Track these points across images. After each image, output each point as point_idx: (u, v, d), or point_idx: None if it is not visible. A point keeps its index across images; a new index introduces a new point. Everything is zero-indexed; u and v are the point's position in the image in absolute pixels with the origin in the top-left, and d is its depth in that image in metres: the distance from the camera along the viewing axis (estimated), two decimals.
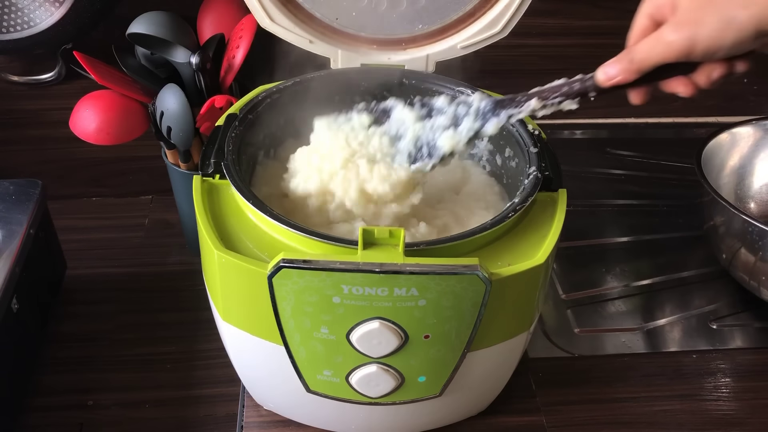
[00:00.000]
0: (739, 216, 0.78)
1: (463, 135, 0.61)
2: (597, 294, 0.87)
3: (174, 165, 0.81)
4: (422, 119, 0.63)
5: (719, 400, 0.74)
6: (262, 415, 0.71)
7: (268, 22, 0.72)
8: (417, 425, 0.68)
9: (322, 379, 0.59)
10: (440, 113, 0.63)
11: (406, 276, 0.52)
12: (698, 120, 1.10)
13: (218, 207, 0.59)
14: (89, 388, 0.74)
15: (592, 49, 0.98)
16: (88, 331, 0.80)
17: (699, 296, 0.88)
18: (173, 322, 0.81)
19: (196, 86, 0.76)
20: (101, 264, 0.88)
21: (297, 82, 0.71)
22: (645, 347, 0.81)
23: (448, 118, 0.62)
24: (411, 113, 0.64)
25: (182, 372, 0.76)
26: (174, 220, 0.95)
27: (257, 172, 0.70)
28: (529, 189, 0.60)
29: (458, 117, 0.62)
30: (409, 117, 0.63)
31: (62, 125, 0.80)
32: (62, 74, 0.89)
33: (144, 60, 0.78)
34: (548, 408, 0.72)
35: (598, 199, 1.01)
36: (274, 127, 0.71)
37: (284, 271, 0.52)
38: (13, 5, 0.76)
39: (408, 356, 0.57)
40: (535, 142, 0.64)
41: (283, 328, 0.56)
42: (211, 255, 0.56)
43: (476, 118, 0.60)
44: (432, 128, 0.62)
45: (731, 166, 0.92)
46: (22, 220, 0.73)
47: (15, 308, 0.70)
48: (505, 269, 0.54)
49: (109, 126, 0.76)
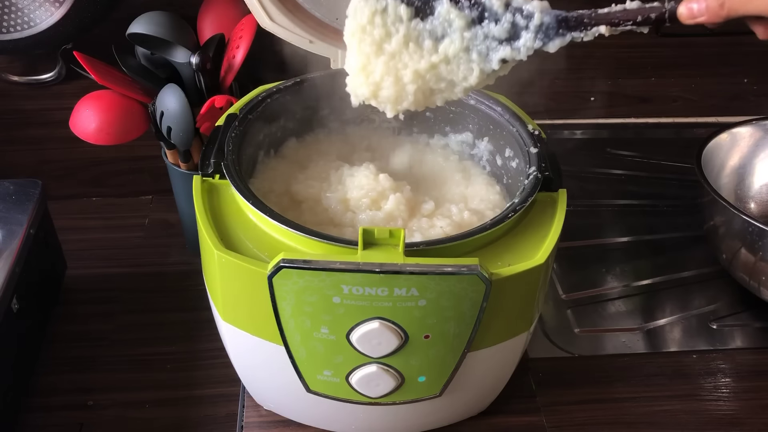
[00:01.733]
0: (739, 216, 0.78)
1: (522, 53, 0.55)
2: (597, 294, 0.87)
3: (174, 165, 0.81)
4: (472, 25, 0.56)
5: (719, 400, 0.74)
6: (262, 415, 0.71)
7: (268, 22, 0.72)
8: (417, 425, 0.68)
9: (322, 379, 0.59)
10: (494, 19, 0.55)
11: (406, 276, 0.52)
12: (698, 120, 1.10)
13: (218, 207, 0.59)
14: (89, 388, 0.74)
15: None
16: (88, 331, 0.80)
17: (699, 296, 0.88)
18: (173, 322, 0.81)
19: (196, 86, 0.77)
20: (101, 264, 0.88)
21: (297, 82, 0.71)
22: (645, 347, 0.81)
23: (503, 30, 0.55)
24: (459, 15, 0.55)
25: (182, 372, 0.76)
26: (174, 220, 0.95)
27: (257, 172, 0.70)
28: (529, 189, 0.60)
29: (516, 28, 0.55)
30: (456, 20, 0.55)
31: (62, 125, 0.80)
32: (62, 74, 0.89)
33: (144, 60, 0.78)
34: (548, 408, 0.72)
35: (598, 199, 1.01)
36: (274, 126, 0.71)
37: (284, 271, 0.52)
38: (13, 5, 0.76)
39: (408, 356, 0.57)
40: (535, 142, 0.64)
41: (283, 328, 0.56)
42: (211, 255, 0.56)
43: (537, 35, 0.55)
44: (484, 38, 0.55)
45: (731, 166, 0.92)
46: (22, 220, 0.73)
47: (15, 308, 0.70)
48: (505, 269, 0.54)
49: (109, 126, 0.76)
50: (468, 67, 0.57)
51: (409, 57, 0.57)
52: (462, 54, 0.56)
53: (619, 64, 1.04)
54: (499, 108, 0.69)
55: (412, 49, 0.57)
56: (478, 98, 0.70)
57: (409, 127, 0.76)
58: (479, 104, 0.70)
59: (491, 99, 0.70)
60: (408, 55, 0.57)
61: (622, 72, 1.05)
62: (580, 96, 1.07)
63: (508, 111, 0.68)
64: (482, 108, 0.70)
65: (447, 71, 0.57)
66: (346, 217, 0.64)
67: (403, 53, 0.57)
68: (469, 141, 0.74)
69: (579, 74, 1.04)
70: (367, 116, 0.76)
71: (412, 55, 0.57)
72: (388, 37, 0.57)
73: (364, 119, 0.76)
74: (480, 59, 0.56)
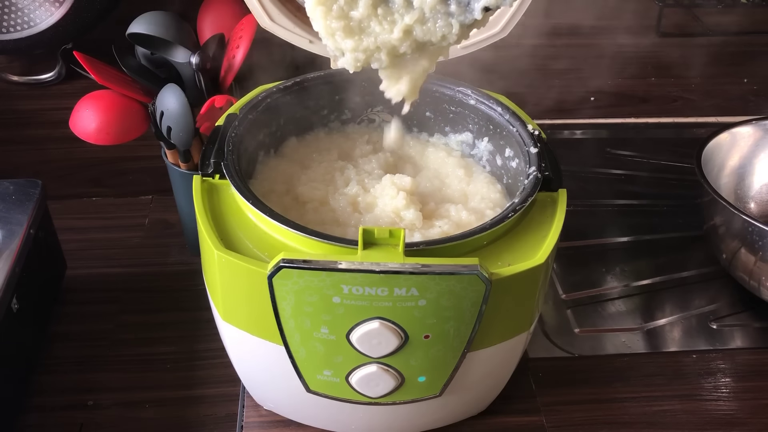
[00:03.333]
0: (739, 216, 0.78)
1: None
2: (597, 294, 0.87)
3: (174, 165, 0.81)
4: None
5: (719, 400, 0.74)
6: (262, 415, 0.71)
7: (268, 22, 0.72)
8: (417, 425, 0.68)
9: (322, 379, 0.59)
10: None
11: (406, 276, 0.52)
12: (698, 120, 1.10)
13: (218, 207, 0.59)
14: (89, 388, 0.74)
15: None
16: (88, 331, 0.80)
17: (699, 296, 0.88)
18: (173, 322, 0.81)
19: (196, 86, 0.77)
20: (101, 264, 0.88)
21: (297, 82, 0.71)
22: (645, 347, 0.81)
23: None
24: None
25: (182, 372, 0.76)
26: (174, 220, 0.95)
27: (257, 172, 0.70)
28: (529, 189, 0.60)
29: None
30: None
31: (62, 125, 0.80)
32: (62, 74, 0.89)
33: (144, 60, 0.78)
34: (548, 408, 0.72)
35: (598, 199, 1.01)
36: (274, 126, 0.71)
37: (284, 271, 0.52)
38: (13, 5, 0.76)
39: (408, 356, 0.57)
40: (535, 142, 0.64)
41: (283, 328, 0.56)
42: (211, 255, 0.56)
43: None
44: None
45: (731, 166, 0.92)
46: (22, 220, 0.73)
47: (15, 308, 0.70)
48: (505, 269, 0.54)
49: (109, 126, 0.76)
50: (446, 23, 0.54)
51: (379, 24, 0.55)
52: (439, 6, 0.53)
53: (619, 64, 1.04)
54: (499, 108, 0.69)
55: (382, 14, 0.54)
56: (478, 98, 0.70)
57: (409, 126, 0.76)
58: (479, 104, 0.70)
59: (491, 99, 0.70)
60: (377, 22, 0.55)
61: (622, 72, 1.05)
62: (580, 96, 1.07)
63: (508, 111, 0.68)
64: (482, 108, 0.70)
65: (423, 32, 0.54)
66: (352, 218, 0.64)
67: (372, 20, 0.55)
68: (469, 141, 0.74)
69: (579, 74, 1.04)
70: (367, 116, 0.76)
71: (382, 21, 0.55)
72: (354, 2, 0.54)
73: (364, 119, 0.76)
74: (459, 10, 0.54)
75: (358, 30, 0.56)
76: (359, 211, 0.65)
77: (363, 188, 0.66)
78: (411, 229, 0.62)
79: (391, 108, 0.74)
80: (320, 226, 0.62)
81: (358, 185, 0.66)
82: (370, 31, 0.56)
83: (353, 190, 0.66)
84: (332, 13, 0.55)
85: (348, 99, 0.74)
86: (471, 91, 0.71)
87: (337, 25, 0.55)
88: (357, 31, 0.56)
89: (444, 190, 0.70)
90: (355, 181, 0.67)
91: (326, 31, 0.56)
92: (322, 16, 0.55)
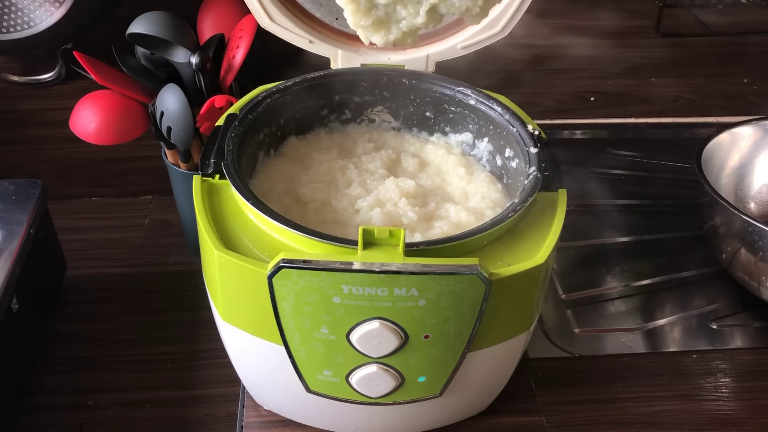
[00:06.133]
0: (739, 216, 0.78)
1: None
2: (597, 294, 0.87)
3: (174, 165, 0.81)
4: None
5: (719, 400, 0.74)
6: (262, 415, 0.71)
7: (268, 22, 0.72)
8: (417, 425, 0.68)
9: (322, 379, 0.60)
10: None
11: (406, 276, 0.52)
12: (698, 120, 1.10)
13: (218, 207, 0.59)
14: (89, 388, 0.74)
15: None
16: (88, 331, 0.80)
17: (699, 296, 0.88)
18: (173, 322, 0.81)
19: (196, 86, 0.76)
20: (101, 264, 0.88)
21: (297, 82, 0.71)
22: (645, 347, 0.81)
23: None
24: None
25: (182, 372, 0.76)
26: (174, 220, 0.95)
27: (257, 172, 0.70)
28: (529, 189, 0.60)
29: None
30: None
31: (62, 125, 0.79)
32: (62, 74, 0.89)
33: (144, 60, 0.77)
34: (548, 408, 0.72)
35: (598, 199, 1.01)
36: (274, 126, 0.71)
37: (284, 271, 0.52)
38: (13, 5, 0.76)
39: (408, 356, 0.57)
40: (535, 142, 0.64)
41: (283, 328, 0.56)
42: (211, 255, 0.56)
43: None
44: None
45: (731, 166, 0.92)
46: (22, 220, 0.73)
47: (15, 308, 0.70)
48: (505, 269, 0.54)
49: (109, 126, 0.76)
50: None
51: (404, 8, 0.58)
52: None
53: (619, 64, 1.04)
54: (499, 108, 0.69)
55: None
56: (478, 98, 0.70)
57: (409, 126, 0.76)
58: (479, 104, 0.70)
59: (491, 99, 0.70)
60: (402, 6, 0.58)
61: (622, 72, 1.05)
62: (580, 96, 1.07)
63: (508, 111, 0.68)
64: (482, 108, 0.70)
65: (447, 7, 0.57)
66: (354, 219, 0.64)
67: (398, 5, 0.58)
68: (469, 141, 0.74)
69: (579, 74, 1.05)
70: (367, 116, 0.76)
71: (407, 4, 0.57)
72: None
73: (365, 119, 0.76)
74: None
75: (386, 20, 0.58)
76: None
77: (365, 189, 0.66)
78: (411, 229, 0.62)
79: (391, 108, 0.75)
80: (322, 227, 0.62)
81: (360, 186, 0.66)
82: (397, 17, 0.58)
83: (356, 191, 0.66)
84: (360, 9, 0.58)
85: (348, 99, 0.74)
86: (471, 91, 0.71)
87: (366, 23, 0.58)
88: (385, 21, 0.58)
89: (445, 188, 0.70)
90: (357, 182, 0.67)
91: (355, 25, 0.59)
92: (352, 14, 0.58)
